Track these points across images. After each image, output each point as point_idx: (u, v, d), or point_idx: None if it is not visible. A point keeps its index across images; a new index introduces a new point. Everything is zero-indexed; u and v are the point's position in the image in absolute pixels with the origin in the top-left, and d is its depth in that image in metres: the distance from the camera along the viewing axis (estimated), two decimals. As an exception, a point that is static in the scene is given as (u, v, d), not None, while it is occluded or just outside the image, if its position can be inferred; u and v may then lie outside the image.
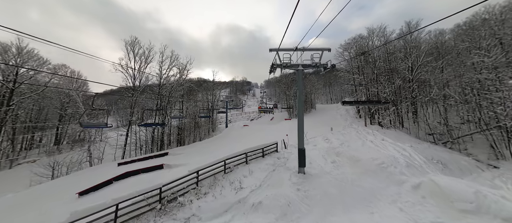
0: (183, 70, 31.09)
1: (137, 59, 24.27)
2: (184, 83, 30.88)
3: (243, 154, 12.95)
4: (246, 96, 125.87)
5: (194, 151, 21.48)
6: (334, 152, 14.72)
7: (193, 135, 36.64)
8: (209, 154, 20.01)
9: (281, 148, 17.30)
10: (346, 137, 20.05)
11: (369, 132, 22.24)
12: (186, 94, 34.04)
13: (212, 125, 48.01)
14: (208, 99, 46.66)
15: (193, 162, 15.28)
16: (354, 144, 17.03)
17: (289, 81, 54.27)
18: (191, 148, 24.09)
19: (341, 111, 45.03)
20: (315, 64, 11.68)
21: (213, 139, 30.44)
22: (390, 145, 16.63)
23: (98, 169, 16.61)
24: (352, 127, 26.53)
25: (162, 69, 27.32)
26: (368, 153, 13.52)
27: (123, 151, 22.87)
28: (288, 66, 11.87)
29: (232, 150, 19.80)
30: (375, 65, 26.77)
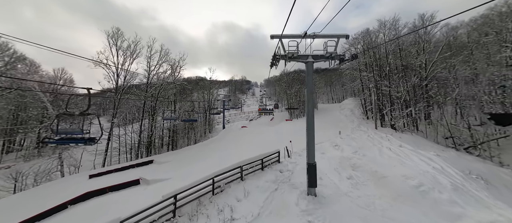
0: (175, 67, 28.48)
1: (121, 53, 21.67)
2: (177, 81, 28.23)
3: (238, 168, 10.37)
4: (246, 96, 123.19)
5: (183, 158, 18.93)
6: (348, 163, 12.14)
7: (187, 137, 34.02)
8: (201, 161, 17.45)
9: (284, 157, 14.71)
10: (358, 143, 17.48)
11: (382, 136, 19.67)
12: (179, 93, 31.38)
13: (208, 126, 45.42)
14: (204, 98, 44.01)
15: (178, 175, 12.71)
16: (370, 152, 14.47)
17: (290, 79, 51.63)
18: (181, 153, 21.54)
19: (345, 111, 42.44)
20: (329, 54, 9.06)
21: (208, 143, 27.86)
22: (412, 154, 14.07)
23: (65, 182, 13.99)
24: (361, 130, 23.96)
25: (150, 65, 24.66)
26: (393, 166, 10.95)
27: (103, 157, 20.20)
28: (294, 58, 9.25)
29: (226, 156, 17.35)
30: (387, 61, 24.16)
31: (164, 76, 25.88)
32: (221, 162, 16.08)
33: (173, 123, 26.47)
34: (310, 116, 9.47)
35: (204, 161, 17.29)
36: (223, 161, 16.26)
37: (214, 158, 17.89)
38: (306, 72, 9.51)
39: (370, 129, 23.93)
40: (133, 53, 22.26)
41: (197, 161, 17.66)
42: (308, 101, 9.47)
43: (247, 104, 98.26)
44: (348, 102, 54.02)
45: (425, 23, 25.72)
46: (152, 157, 19.59)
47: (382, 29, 25.13)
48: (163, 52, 25.33)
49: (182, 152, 23.09)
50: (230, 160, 16.16)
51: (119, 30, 21.32)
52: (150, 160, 17.40)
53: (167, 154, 22.59)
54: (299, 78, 54.68)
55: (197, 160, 17.97)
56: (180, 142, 34.94)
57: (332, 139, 20.17)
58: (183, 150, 24.39)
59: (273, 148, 20.09)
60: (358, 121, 30.24)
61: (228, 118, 58.72)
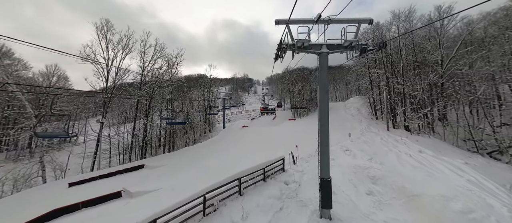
0: (172, 63, 26.82)
1: (111, 48, 19.88)
2: (173, 78, 26.57)
3: (235, 180, 8.69)
4: (247, 94, 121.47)
5: (179, 161, 17.35)
6: (365, 174, 10.38)
7: (186, 137, 32.46)
8: (197, 166, 15.84)
9: (289, 164, 12.99)
10: (371, 147, 15.67)
11: (397, 139, 17.83)
12: (177, 91, 29.70)
13: (209, 125, 43.86)
14: (204, 96, 42.39)
15: (169, 184, 11.09)
16: (387, 159, 12.68)
17: (294, 77, 49.74)
18: (178, 156, 20.00)
19: (352, 110, 40.48)
20: (349, 43, 7.27)
21: (207, 143, 26.25)
22: (437, 161, 12.26)
23: (40, 191, 12.34)
24: (372, 131, 22.10)
25: (144, 61, 22.94)
26: (423, 180, 9.16)
27: (92, 160, 18.64)
28: (305, 48, 7.48)
29: (225, 160, 15.76)
30: (401, 57, 22.16)
31: (159, 73, 24.20)
32: (218, 167, 14.46)
33: (168, 123, 24.93)
34: (324, 120, 7.74)
35: (200, 165, 15.67)
36: (221, 166, 14.65)
37: (211, 162, 16.26)
38: (319, 66, 7.72)
39: (381, 130, 22.07)
40: (125, 48, 20.59)
41: (193, 165, 16.05)
42: (321, 102, 7.71)
43: (249, 103, 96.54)
44: (353, 101, 51.92)
45: (441, 15, 23.63)
46: (144, 161, 18.02)
47: (396, 22, 23.09)
48: (158, 47, 23.71)
49: (179, 154, 21.52)
50: (228, 165, 14.53)
51: (108, 22, 19.59)
52: (141, 164, 15.80)
53: (162, 156, 21.05)
54: (302, 76, 52.77)
55: (193, 164, 16.36)
56: (178, 143, 33.43)
57: (341, 142, 18.37)
58: (180, 151, 22.84)
59: (276, 150, 18.40)
60: (366, 121, 28.33)
61: (229, 116, 57.13)
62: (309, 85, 51.15)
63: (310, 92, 51.48)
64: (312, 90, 53.05)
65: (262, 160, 15.04)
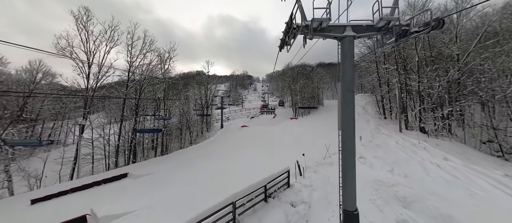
0: (165, 59, 24.66)
1: (92, 40, 17.61)
2: (166, 75, 24.45)
3: (229, 205, 6.71)
4: (247, 91, 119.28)
5: (168, 168, 15.40)
6: (391, 192, 8.41)
7: (181, 138, 30.49)
8: (188, 173, 13.89)
9: (294, 176, 11.00)
10: (388, 153, 13.69)
11: (414, 142, 15.83)
12: (171, 89, 27.59)
13: (206, 124, 41.89)
14: (201, 94, 40.35)
15: (149, 202, 9.12)
16: (411, 170, 10.71)
17: (295, 74, 47.56)
18: (168, 161, 18.05)
19: (357, 109, 38.37)
20: (386, 22, 5.20)
21: (202, 145, 24.27)
22: (470, 173, 10.26)
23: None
24: (383, 133, 20.13)
25: (131, 55, 20.72)
26: (467, 202, 7.19)
27: (72, 167, 16.65)
28: (323, 31, 5.40)
29: (220, 167, 13.85)
30: (416, 51, 20.05)
31: (149, 69, 21.94)
32: (212, 178, 12.48)
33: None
34: (348, 132, 5.75)
35: (191, 174, 13.70)
36: (215, 177, 12.67)
37: (204, 170, 14.31)
38: (341, 54, 5.68)
39: (393, 132, 20.10)
40: (110, 41, 18.40)
41: (182, 174, 14.09)
42: (345, 105, 5.69)
43: (249, 100, 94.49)
44: (357, 98, 49.74)
45: (458, 6, 21.48)
46: (129, 168, 16.04)
47: (410, 11, 20.87)
48: (147, 40, 21.44)
49: (171, 158, 19.55)
50: (223, 175, 12.61)
51: (88, 10, 17.30)
52: (124, 173, 13.83)
53: (153, 161, 19.10)
54: (304, 73, 50.64)
55: (183, 173, 14.40)
56: (174, 143, 31.47)
57: (351, 146, 16.41)
58: (172, 155, 20.87)
59: (278, 153, 16.41)
60: (374, 121, 26.31)
61: (228, 114, 55.16)
62: (311, 82, 49.02)
63: (312, 90, 49.42)
64: (314, 88, 50.99)
65: (262, 166, 13.09)
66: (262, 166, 13.33)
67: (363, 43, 29.89)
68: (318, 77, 53.69)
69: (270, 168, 12.71)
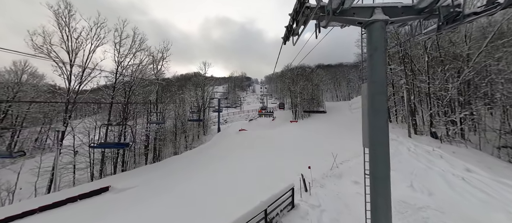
0: (158, 59, 23.17)
1: (74, 38, 15.92)
2: (159, 76, 22.91)
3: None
4: (246, 93, 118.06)
5: (156, 179, 13.85)
6: (420, 218, 6.96)
7: (176, 143, 28.88)
8: (177, 185, 12.36)
9: (300, 192, 9.51)
10: (403, 163, 12.28)
11: (427, 149, 14.45)
12: (164, 92, 25.99)
13: (203, 128, 40.35)
14: (197, 96, 38.86)
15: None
16: (433, 185, 9.29)
17: (295, 75, 46.28)
18: (159, 170, 16.48)
19: (359, 111, 37.16)
20: (431, 3, 3.77)
21: (197, 151, 22.71)
22: (502, 188, 8.88)
23: None
24: (391, 138, 18.67)
25: (119, 55, 19.15)
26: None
27: (49, 178, 14.90)
28: (344, 14, 3.95)
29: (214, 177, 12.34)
30: (426, 50, 18.78)
31: (138, 70, 20.31)
32: (202, 194, 10.94)
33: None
34: (380, 150, 4.24)
35: (180, 187, 12.17)
36: (207, 191, 11.15)
37: (195, 183, 12.79)
38: (368, 44, 4.24)
39: (401, 137, 18.71)
40: (95, 39, 16.80)
41: (170, 187, 12.54)
42: (374, 112, 4.22)
43: (247, 102, 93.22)
44: (357, 100, 48.66)
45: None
46: (114, 179, 14.40)
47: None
48: (138, 39, 19.85)
49: (161, 166, 17.99)
50: (216, 189, 11.10)
51: (69, 4, 15.69)
52: (105, 186, 12.24)
53: (141, 170, 17.51)
54: (303, 74, 49.44)
55: (170, 185, 12.86)
56: (168, 147, 29.85)
57: (358, 152, 14.96)
58: (164, 163, 19.30)
59: (278, 161, 14.95)
60: (379, 125, 24.99)
61: (226, 117, 53.70)
62: (311, 84, 47.78)
63: (312, 92, 48.16)
64: (314, 89, 49.75)
65: (262, 178, 11.59)
66: (261, 177, 11.85)
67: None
68: (318, 78, 52.52)
69: (270, 180, 11.24)
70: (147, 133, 21.67)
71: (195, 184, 11.88)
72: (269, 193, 7.00)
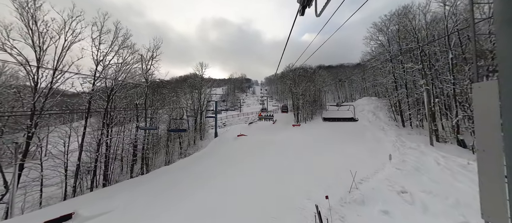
0: (147, 58, 20.80)
1: (44, 31, 13.49)
2: (148, 77, 20.49)
3: None
4: (245, 94, 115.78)
5: (136, 200, 11.49)
6: None
7: (168, 150, 26.49)
8: (159, 211, 9.99)
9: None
10: (439, 183, 9.85)
11: (461, 163, 12.02)
12: (156, 94, 23.57)
13: (200, 132, 37.96)
14: (193, 98, 36.54)
15: None
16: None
17: (296, 76, 44.00)
18: (142, 186, 14.09)
19: (366, 114, 34.83)
20: None
21: (190, 161, 20.30)
22: None
23: None
24: (410, 147, 16.32)
25: (99, 53, 16.85)
26: None
27: (6, 207, 11.89)
28: None
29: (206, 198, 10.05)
30: (450, 46, 16.47)
31: (121, 69, 17.87)
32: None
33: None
34: None
35: (164, 215, 9.77)
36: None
37: (183, 207, 10.41)
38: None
39: (422, 145, 16.31)
40: (68, 34, 14.38)
41: (157, 211, 10.14)
42: None
43: (247, 104, 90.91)
44: (363, 102, 46.28)
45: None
46: (86, 198, 12.06)
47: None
48: (121, 34, 17.30)
49: (146, 181, 15.58)
50: (205, 219, 8.75)
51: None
52: (68, 213, 9.87)
53: (122, 185, 15.06)
54: (305, 75, 47.23)
55: (157, 207, 10.47)
56: (160, 157, 27.46)
57: (377, 167, 12.56)
58: (150, 176, 16.88)
59: (283, 178, 12.57)
60: (392, 131, 22.53)
61: (224, 120, 51.38)
62: (314, 85, 45.50)
63: (314, 93, 45.88)
64: (316, 91, 47.49)
65: (263, 202, 9.19)
66: (263, 203, 9.45)
67: (375, 40, 26.34)
68: (321, 79, 50.29)
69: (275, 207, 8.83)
70: (133, 142, 19.22)
71: (180, 212, 9.51)
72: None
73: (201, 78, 38.88)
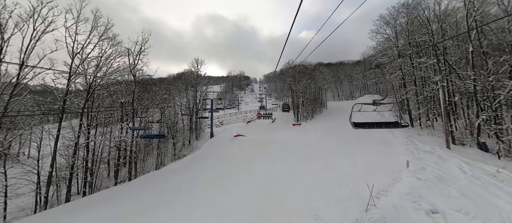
0: (135, 53, 18.86)
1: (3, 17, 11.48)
2: (135, 72, 18.56)
3: None
4: (244, 92, 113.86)
5: (111, 214, 9.76)
6: None
7: (159, 152, 24.70)
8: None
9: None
10: (472, 199, 8.22)
11: (489, 171, 10.46)
12: (143, 92, 21.57)
13: (196, 132, 36.19)
14: (188, 97, 34.72)
15: None
16: None
17: (297, 73, 42.20)
18: (121, 198, 12.30)
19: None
20: None
21: (180, 165, 18.56)
22: None
23: None
24: (425, 150, 14.72)
25: (75, 43, 14.76)
26: None
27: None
28: None
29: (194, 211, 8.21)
30: (470, 39, 14.80)
31: (103, 63, 15.80)
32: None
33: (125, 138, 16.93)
34: None
35: None
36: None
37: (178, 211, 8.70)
38: None
39: (438, 148, 14.73)
40: (39, 22, 12.39)
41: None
42: None
43: (245, 102, 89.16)
44: (365, 100, 44.66)
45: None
46: (55, 212, 10.36)
47: None
48: (101, 23, 14.97)
49: (128, 190, 13.83)
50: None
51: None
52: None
53: (101, 196, 13.22)
54: (306, 72, 45.48)
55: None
56: (152, 158, 25.68)
57: (394, 176, 10.93)
58: (134, 184, 15.07)
59: (284, 191, 10.90)
60: (399, 131, 20.88)
61: (222, 119, 49.61)
62: (314, 82, 43.81)
63: (315, 91, 44.22)
64: (317, 89, 45.83)
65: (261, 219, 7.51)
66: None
67: (381, 34, 24.62)
68: (322, 76, 48.57)
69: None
70: (117, 144, 17.30)
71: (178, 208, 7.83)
72: None
73: (196, 75, 36.97)
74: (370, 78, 67.54)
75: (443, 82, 15.56)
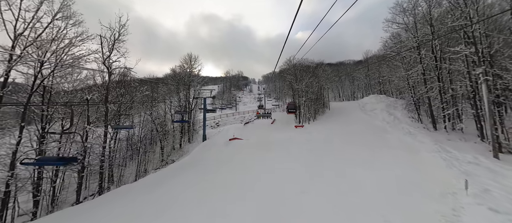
0: (109, 41, 15.63)
1: None
2: (111, 65, 15.35)
3: None
4: (242, 92, 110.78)
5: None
6: None
7: (141, 160, 21.47)
8: None
9: None
10: None
11: None
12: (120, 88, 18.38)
13: (188, 134, 32.91)
14: (179, 96, 31.49)
15: None
16: None
17: (298, 71, 39.12)
18: (88, 213, 9.18)
19: (378, 114, 30.33)
20: None
21: (161, 175, 15.31)
22: None
23: None
24: (469, 160, 11.60)
25: (18, 21, 11.08)
26: None
27: None
28: None
29: None
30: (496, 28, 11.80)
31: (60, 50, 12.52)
32: None
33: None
34: None
35: None
36: None
37: None
38: None
39: (482, 158, 11.64)
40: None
41: None
42: None
43: (243, 102, 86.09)
44: (372, 100, 41.74)
45: None
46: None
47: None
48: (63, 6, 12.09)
49: (90, 212, 10.65)
50: None
51: None
52: None
53: (60, 215, 10.18)
54: (308, 70, 42.49)
55: None
56: (132, 167, 22.46)
57: (447, 201, 7.79)
58: (102, 202, 11.94)
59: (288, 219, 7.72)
60: (422, 135, 17.81)
61: (218, 120, 46.43)
62: (317, 81, 40.82)
63: (317, 90, 41.15)
64: (319, 88, 42.79)
65: None
66: None
67: (397, 23, 21.61)
68: (325, 75, 45.56)
69: None
70: (81, 152, 14.01)
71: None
72: None
73: (190, 72, 33.76)
74: (374, 78, 64.50)
75: (486, 76, 12.50)
